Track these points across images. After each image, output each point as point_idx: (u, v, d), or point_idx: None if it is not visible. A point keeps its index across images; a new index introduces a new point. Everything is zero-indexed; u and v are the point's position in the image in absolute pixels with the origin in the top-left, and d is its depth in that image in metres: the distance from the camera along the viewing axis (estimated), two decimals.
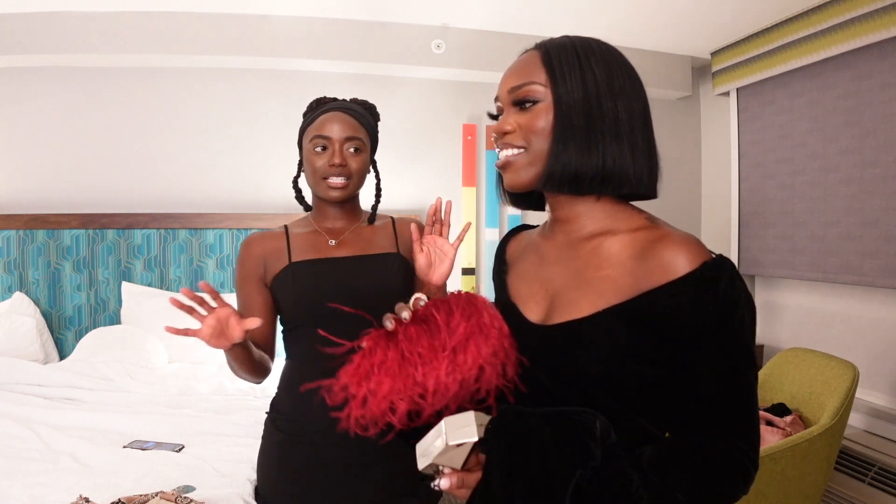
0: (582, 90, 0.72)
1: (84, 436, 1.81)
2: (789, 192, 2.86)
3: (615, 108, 0.73)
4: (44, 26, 2.64)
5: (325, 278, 1.22)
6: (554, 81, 0.73)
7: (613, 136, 0.72)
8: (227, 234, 2.90)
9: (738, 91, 3.16)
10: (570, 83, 0.73)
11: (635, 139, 0.74)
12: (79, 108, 2.86)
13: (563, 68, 0.74)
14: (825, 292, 2.82)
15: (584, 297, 0.73)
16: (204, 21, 2.76)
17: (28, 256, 2.72)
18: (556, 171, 0.73)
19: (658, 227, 0.74)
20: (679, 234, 0.70)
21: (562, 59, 0.74)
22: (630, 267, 0.71)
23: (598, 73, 0.73)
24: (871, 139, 2.42)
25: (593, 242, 0.77)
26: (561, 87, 0.73)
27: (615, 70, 0.75)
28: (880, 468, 2.19)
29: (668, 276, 0.67)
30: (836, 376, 2.09)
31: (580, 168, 0.72)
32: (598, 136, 0.72)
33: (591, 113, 0.72)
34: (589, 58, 0.74)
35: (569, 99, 0.72)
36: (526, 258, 0.88)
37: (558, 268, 0.80)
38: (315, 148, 1.24)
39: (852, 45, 2.41)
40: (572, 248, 0.79)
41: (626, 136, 0.73)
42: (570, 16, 2.80)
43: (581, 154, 0.72)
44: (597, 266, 0.74)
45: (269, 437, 1.26)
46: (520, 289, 0.85)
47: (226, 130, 3.00)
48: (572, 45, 0.76)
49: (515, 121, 0.76)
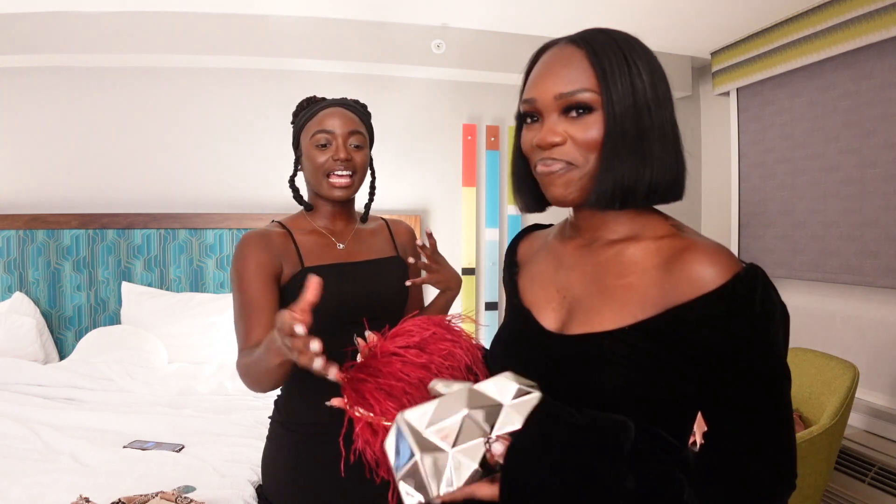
0: (632, 97, 0.68)
1: (84, 436, 1.81)
2: (789, 192, 2.86)
3: (662, 116, 0.69)
4: (44, 26, 2.64)
5: (340, 285, 1.18)
6: (605, 87, 0.67)
7: (661, 146, 0.69)
8: (227, 234, 2.90)
9: (738, 91, 3.16)
10: (622, 89, 0.67)
11: (679, 146, 0.71)
12: (79, 108, 2.86)
13: (615, 71, 0.68)
14: (825, 292, 2.82)
15: (606, 307, 0.70)
16: (204, 21, 2.76)
17: (28, 256, 2.72)
18: (607, 187, 0.68)
19: (684, 234, 0.70)
20: (707, 244, 0.67)
21: (612, 60, 0.68)
22: (655, 277, 0.68)
23: (645, 76, 0.69)
24: (871, 139, 2.42)
25: (615, 248, 0.73)
26: (613, 94, 0.67)
27: (657, 73, 0.71)
28: (880, 468, 2.19)
29: (698, 291, 0.64)
30: (836, 376, 2.09)
31: (634, 184, 0.68)
32: (649, 147, 0.68)
33: (641, 122, 0.68)
34: (635, 59, 0.69)
35: (620, 108, 0.67)
36: (540, 261, 0.84)
37: (576, 273, 0.76)
38: (317, 144, 1.19)
39: (852, 45, 2.40)
40: (592, 253, 0.75)
41: (671, 145, 0.70)
42: (570, 16, 2.80)
43: (635, 168, 0.67)
44: (618, 273, 0.71)
45: (277, 440, 1.23)
46: (534, 293, 0.81)
47: (226, 130, 3.00)
48: (615, 43, 0.70)
49: (566, 130, 0.69)
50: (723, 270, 0.63)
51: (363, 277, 1.22)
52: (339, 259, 1.23)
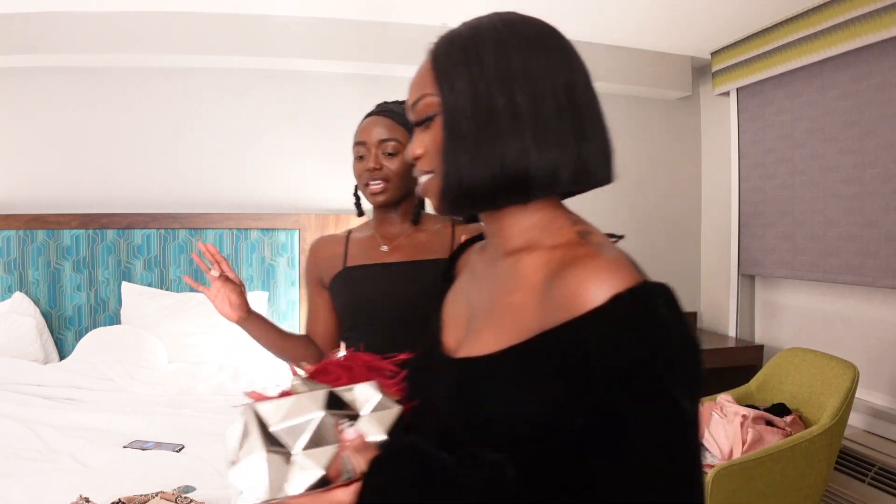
0: (470, 89, 0.60)
1: (84, 436, 1.80)
2: (789, 192, 2.86)
3: (511, 99, 0.59)
4: (44, 26, 2.64)
5: (375, 284, 1.23)
6: (440, 87, 0.62)
7: (511, 133, 0.59)
8: (227, 234, 2.90)
9: (737, 91, 3.16)
10: (459, 84, 0.61)
11: (544, 128, 0.59)
12: (79, 108, 2.85)
13: (450, 69, 0.62)
14: (825, 292, 2.82)
15: (489, 328, 0.63)
16: (204, 21, 2.76)
17: (28, 256, 2.72)
18: (448, 191, 0.62)
19: (582, 244, 0.60)
20: (594, 257, 0.56)
21: (448, 58, 0.62)
22: (539, 293, 0.59)
23: (489, 61, 0.60)
24: (871, 139, 2.42)
25: (513, 259, 0.64)
26: (448, 93, 0.61)
27: (513, 51, 0.60)
28: (880, 468, 2.19)
29: (574, 311, 0.54)
30: (836, 376, 2.09)
31: (471, 181, 0.60)
32: (490, 138, 0.59)
33: (478, 114, 0.59)
34: (478, 47, 0.61)
35: (456, 104, 0.61)
36: (464, 274, 0.77)
37: (480, 288, 0.69)
38: (356, 156, 1.26)
39: (852, 45, 2.40)
40: (493, 265, 0.67)
41: (528, 129, 0.59)
42: (570, 16, 2.80)
43: (471, 165, 0.60)
44: (508, 289, 0.63)
45: None
46: (449, 309, 0.74)
47: (226, 130, 3.00)
48: (460, 36, 0.63)
49: (421, 141, 0.66)
50: (605, 288, 0.53)
51: (396, 277, 1.24)
52: (378, 260, 1.27)
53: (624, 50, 3.17)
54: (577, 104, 0.61)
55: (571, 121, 0.60)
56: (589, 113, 0.62)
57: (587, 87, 0.63)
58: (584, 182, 0.62)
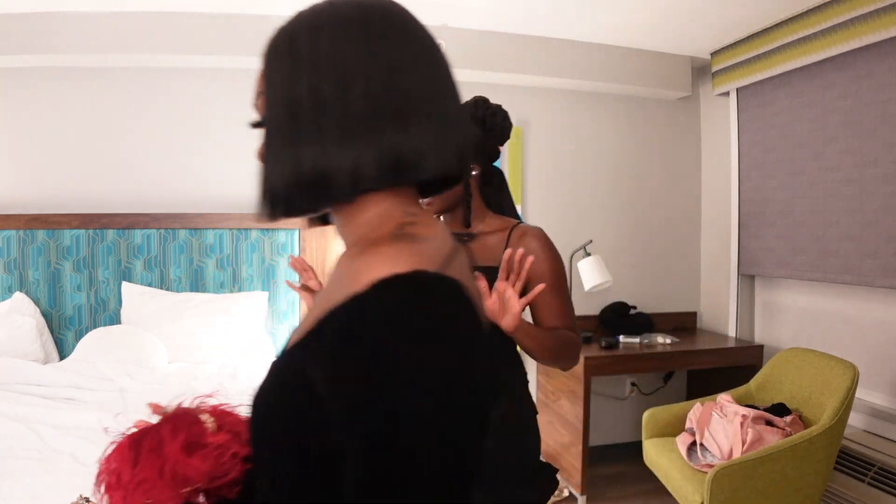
0: (286, 82, 0.55)
1: (84, 436, 1.80)
2: (789, 192, 2.86)
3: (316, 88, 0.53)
4: (43, 26, 2.64)
5: None
6: (265, 84, 0.58)
7: (312, 130, 0.53)
8: (227, 234, 2.90)
9: (737, 91, 3.16)
10: (276, 77, 0.57)
11: (351, 118, 0.53)
12: (79, 109, 2.86)
13: (271, 62, 0.58)
14: (825, 292, 2.82)
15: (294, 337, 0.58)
16: (204, 21, 2.76)
17: (28, 256, 2.72)
18: (261, 197, 0.58)
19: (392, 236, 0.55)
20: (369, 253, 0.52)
21: (271, 51, 0.59)
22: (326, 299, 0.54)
23: (303, 50, 0.55)
24: (871, 139, 2.42)
25: (346, 258, 0.60)
26: (269, 89, 0.57)
27: (326, 35, 0.55)
28: (880, 468, 2.19)
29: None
30: (836, 376, 2.09)
31: (274, 187, 0.56)
32: (291, 139, 0.54)
33: (285, 111, 0.55)
34: (295, 36, 0.57)
35: (274, 100, 0.56)
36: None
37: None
38: None
39: (852, 45, 2.41)
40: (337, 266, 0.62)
41: (332, 120, 0.53)
42: (570, 16, 2.80)
43: (272, 170, 0.56)
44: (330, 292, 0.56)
45: None
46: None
47: (226, 130, 3.00)
48: (283, 27, 0.59)
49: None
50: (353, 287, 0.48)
51: None
52: None
53: (624, 50, 3.18)
54: (398, 89, 0.54)
55: (388, 107, 0.53)
56: (418, 99, 0.55)
57: (421, 70, 0.56)
58: (404, 175, 0.54)
